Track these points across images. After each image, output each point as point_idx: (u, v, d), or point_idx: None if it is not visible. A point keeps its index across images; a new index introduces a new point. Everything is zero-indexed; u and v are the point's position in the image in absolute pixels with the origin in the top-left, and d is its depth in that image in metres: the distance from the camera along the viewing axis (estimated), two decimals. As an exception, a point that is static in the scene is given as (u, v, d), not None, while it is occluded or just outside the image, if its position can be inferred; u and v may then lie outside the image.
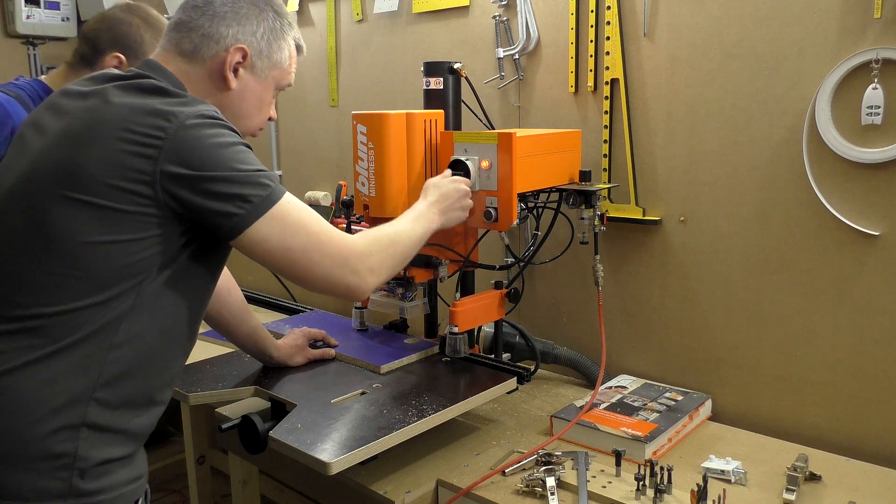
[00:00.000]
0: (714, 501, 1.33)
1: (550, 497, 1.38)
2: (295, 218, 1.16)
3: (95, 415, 1.07)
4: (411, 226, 1.42)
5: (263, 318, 2.60)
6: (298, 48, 1.36)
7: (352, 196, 1.78)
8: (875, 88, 1.49)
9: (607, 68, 1.88)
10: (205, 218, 1.11)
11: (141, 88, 1.13)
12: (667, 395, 1.79)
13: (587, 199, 1.73)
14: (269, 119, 1.36)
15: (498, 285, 1.85)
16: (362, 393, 1.58)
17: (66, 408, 1.05)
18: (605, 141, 1.92)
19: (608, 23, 1.86)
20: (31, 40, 3.28)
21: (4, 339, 1.05)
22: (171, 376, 1.22)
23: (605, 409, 1.69)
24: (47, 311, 1.05)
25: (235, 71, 1.24)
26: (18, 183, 1.12)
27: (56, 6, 3.26)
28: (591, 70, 1.92)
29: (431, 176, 1.77)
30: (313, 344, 1.82)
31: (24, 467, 1.03)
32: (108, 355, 1.07)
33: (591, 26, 1.90)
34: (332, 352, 1.79)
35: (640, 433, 1.55)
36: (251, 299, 2.59)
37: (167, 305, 1.14)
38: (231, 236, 1.12)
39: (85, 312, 1.06)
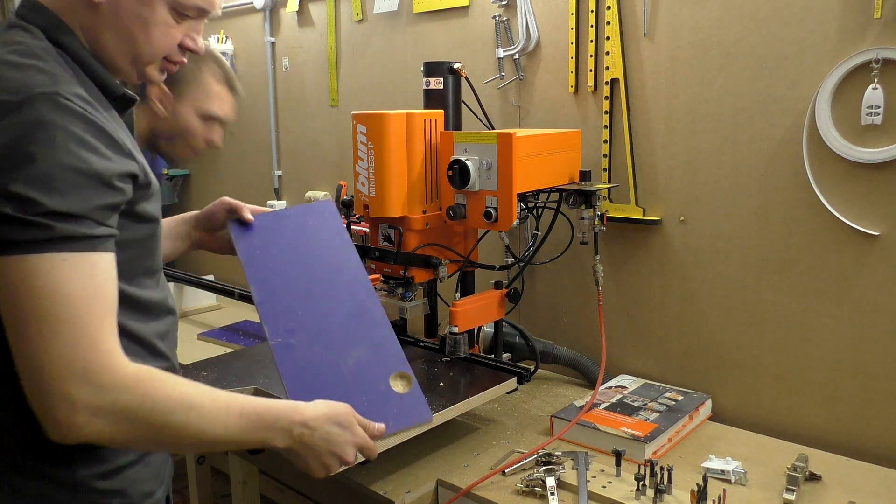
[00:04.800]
0: (714, 501, 1.33)
1: (550, 497, 1.38)
2: (54, 279, 0.87)
3: None
4: (221, 418, 0.98)
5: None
6: None
7: (352, 196, 1.79)
8: (875, 88, 1.49)
9: (607, 68, 1.88)
10: None
11: (5, 41, 0.97)
12: (667, 395, 1.79)
13: (587, 199, 1.73)
14: (185, 48, 1.07)
15: (498, 285, 1.85)
16: (362, 393, 1.58)
17: None
18: (605, 141, 1.92)
19: (608, 23, 1.86)
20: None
21: None
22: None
23: (605, 409, 1.69)
24: None
25: None
26: None
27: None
28: (591, 70, 1.92)
29: (431, 176, 1.77)
30: None
31: None
32: None
33: (591, 26, 1.90)
34: None
35: (640, 433, 1.55)
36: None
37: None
38: None
39: None
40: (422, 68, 1.87)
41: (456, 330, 1.73)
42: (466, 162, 1.64)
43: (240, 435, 1.00)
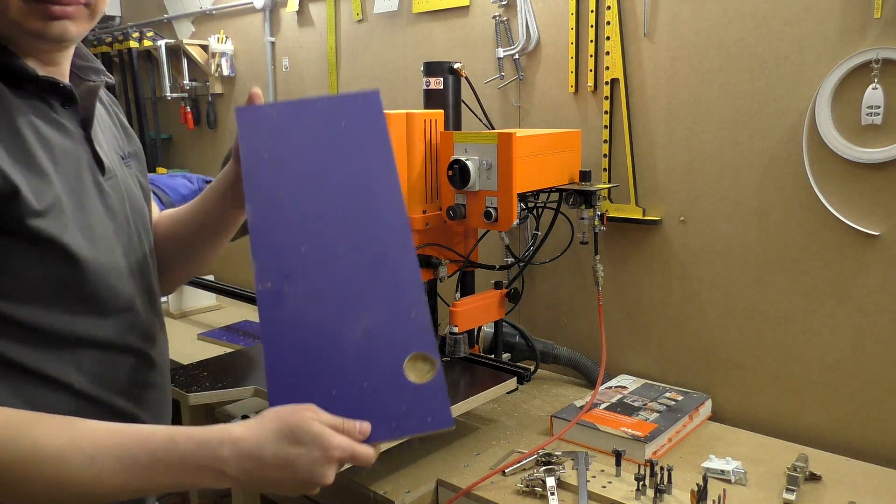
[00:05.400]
0: (714, 501, 1.33)
1: (550, 497, 1.38)
2: None
3: None
4: (79, 461, 0.76)
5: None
6: None
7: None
8: (875, 88, 1.49)
9: (607, 68, 1.88)
10: None
11: None
12: (667, 395, 1.79)
13: (587, 199, 1.73)
14: None
15: (498, 285, 1.85)
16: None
17: None
18: (605, 141, 1.92)
19: (608, 23, 1.86)
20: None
21: None
22: None
23: (605, 409, 1.69)
24: None
25: None
26: None
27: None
28: (591, 70, 1.92)
29: (431, 176, 1.77)
30: None
31: None
32: None
33: (591, 26, 1.90)
34: None
35: (640, 433, 1.55)
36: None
37: None
38: None
39: None
40: (422, 68, 1.87)
41: (456, 330, 1.73)
42: (466, 162, 1.64)
43: (129, 482, 0.76)
